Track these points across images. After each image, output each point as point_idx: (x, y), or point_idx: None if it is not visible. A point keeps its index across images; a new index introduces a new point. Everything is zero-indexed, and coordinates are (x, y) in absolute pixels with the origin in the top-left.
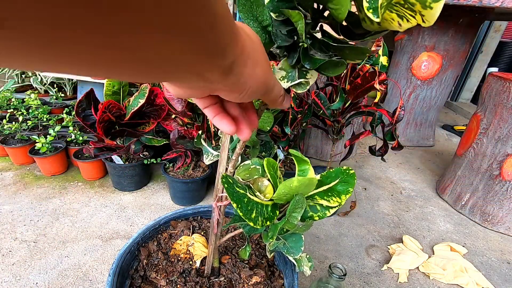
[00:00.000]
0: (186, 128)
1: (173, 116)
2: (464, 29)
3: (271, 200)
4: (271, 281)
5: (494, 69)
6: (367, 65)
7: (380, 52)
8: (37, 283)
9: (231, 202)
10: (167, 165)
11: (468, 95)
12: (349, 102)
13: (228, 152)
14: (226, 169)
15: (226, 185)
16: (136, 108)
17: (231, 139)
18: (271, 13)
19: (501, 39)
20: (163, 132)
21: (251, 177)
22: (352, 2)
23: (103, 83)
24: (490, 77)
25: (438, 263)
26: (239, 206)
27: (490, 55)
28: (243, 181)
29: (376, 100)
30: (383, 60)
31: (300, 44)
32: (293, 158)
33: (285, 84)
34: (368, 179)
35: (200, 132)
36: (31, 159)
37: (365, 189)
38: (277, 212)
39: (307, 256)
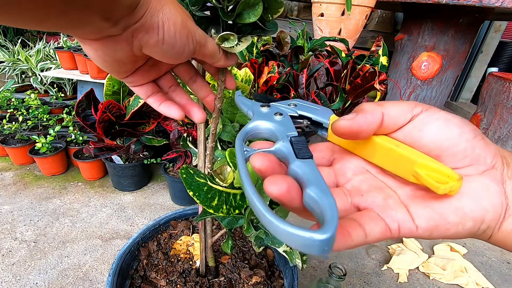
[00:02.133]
0: (186, 128)
1: None
2: (464, 29)
3: (239, 189)
4: (271, 281)
5: (494, 69)
6: (367, 65)
7: (380, 52)
8: (37, 283)
9: (188, 191)
10: (167, 165)
11: (468, 95)
12: (349, 102)
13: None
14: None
15: (184, 176)
16: (136, 108)
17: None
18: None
19: (501, 39)
20: (163, 132)
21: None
22: None
23: (103, 83)
24: (490, 77)
25: (438, 263)
26: (196, 194)
27: (490, 55)
28: (211, 172)
29: (376, 100)
30: (383, 60)
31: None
32: None
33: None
34: None
35: (185, 134)
36: (31, 159)
37: None
38: (247, 200)
39: None
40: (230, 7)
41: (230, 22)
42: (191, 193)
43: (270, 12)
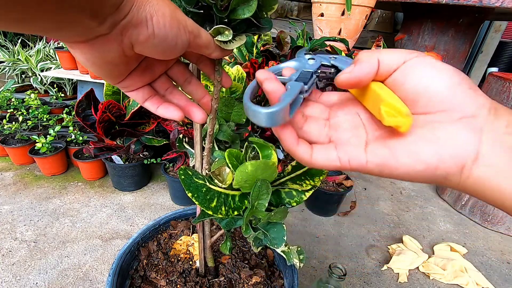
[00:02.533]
0: (186, 128)
1: None
2: (464, 29)
3: (238, 190)
4: (271, 281)
5: (494, 69)
6: None
7: None
8: (37, 283)
9: (186, 192)
10: (167, 165)
11: None
12: None
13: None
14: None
15: (183, 177)
16: (136, 108)
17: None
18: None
19: (501, 39)
20: (163, 132)
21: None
22: None
23: (103, 83)
24: (490, 77)
25: (438, 263)
26: (195, 196)
27: (490, 55)
28: (209, 173)
29: None
30: None
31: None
32: (255, 146)
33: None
34: (368, 179)
35: (181, 135)
36: (31, 159)
37: (365, 189)
38: (246, 202)
39: (298, 249)
40: (225, 4)
41: (225, 19)
42: (189, 194)
43: (265, 9)
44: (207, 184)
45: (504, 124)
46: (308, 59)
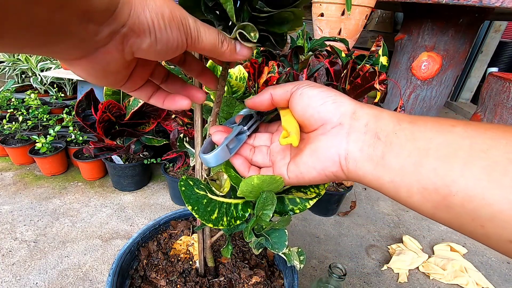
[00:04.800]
0: (186, 128)
1: (173, 116)
2: (464, 29)
3: (242, 198)
4: (271, 281)
5: (494, 69)
6: (367, 65)
7: (380, 52)
8: (37, 283)
9: (187, 206)
10: (167, 165)
11: (468, 95)
12: None
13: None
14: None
15: (183, 188)
16: (136, 108)
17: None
18: None
19: (501, 39)
20: (163, 132)
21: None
22: None
23: None
24: (490, 77)
25: (438, 263)
26: (195, 208)
27: (490, 55)
28: (208, 178)
29: (376, 100)
30: (383, 60)
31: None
32: None
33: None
34: None
35: (182, 135)
36: (31, 159)
37: (365, 189)
38: (249, 210)
39: (298, 250)
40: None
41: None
42: (189, 207)
43: (287, 27)
44: (208, 194)
45: (363, 124)
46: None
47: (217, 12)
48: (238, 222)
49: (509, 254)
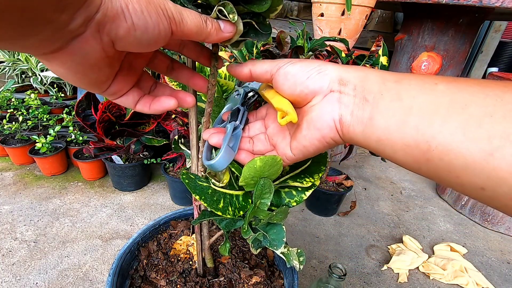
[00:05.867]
0: (186, 128)
1: (173, 116)
2: (464, 29)
3: (241, 189)
4: (271, 281)
5: (494, 69)
6: (367, 65)
7: (380, 52)
8: (37, 283)
9: (193, 195)
10: (167, 165)
11: None
12: None
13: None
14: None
15: (187, 181)
16: None
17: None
18: None
19: (501, 39)
20: (163, 132)
21: None
22: None
23: None
24: (490, 77)
25: (438, 263)
26: (202, 198)
27: (490, 55)
28: (205, 174)
29: None
30: (383, 60)
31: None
32: None
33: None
34: (368, 179)
35: (176, 137)
36: (31, 159)
37: (365, 189)
38: (250, 200)
39: (298, 251)
40: None
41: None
42: (197, 197)
43: (269, 11)
44: (212, 185)
45: (351, 88)
46: (236, 95)
47: None
48: (241, 212)
49: (481, 200)
